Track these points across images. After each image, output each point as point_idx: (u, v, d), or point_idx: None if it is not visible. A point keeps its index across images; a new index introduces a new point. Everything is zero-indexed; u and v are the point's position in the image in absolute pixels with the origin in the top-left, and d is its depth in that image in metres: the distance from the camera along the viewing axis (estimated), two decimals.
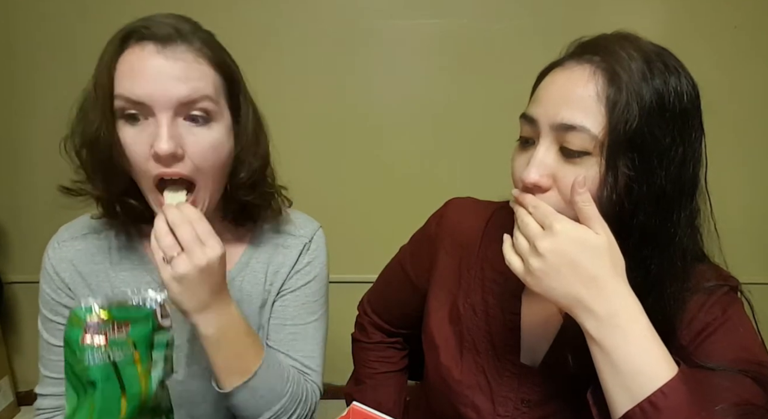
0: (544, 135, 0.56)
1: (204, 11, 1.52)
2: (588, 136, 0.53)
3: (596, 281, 0.51)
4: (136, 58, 0.60)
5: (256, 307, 0.78)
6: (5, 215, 1.74)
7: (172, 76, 0.60)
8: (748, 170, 1.67)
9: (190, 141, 0.62)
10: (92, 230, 0.72)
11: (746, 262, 0.90)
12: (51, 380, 0.73)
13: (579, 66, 0.56)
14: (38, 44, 1.57)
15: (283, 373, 0.72)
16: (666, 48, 0.58)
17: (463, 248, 0.75)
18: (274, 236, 0.80)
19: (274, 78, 1.58)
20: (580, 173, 0.54)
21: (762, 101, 1.62)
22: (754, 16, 1.55)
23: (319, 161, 1.69)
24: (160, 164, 0.61)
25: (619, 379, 0.50)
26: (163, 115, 0.60)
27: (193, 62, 0.62)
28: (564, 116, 0.54)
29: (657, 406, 0.48)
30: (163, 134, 0.59)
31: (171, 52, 0.60)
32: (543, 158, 0.56)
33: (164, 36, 0.60)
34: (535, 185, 0.56)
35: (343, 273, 1.43)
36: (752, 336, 0.59)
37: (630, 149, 0.53)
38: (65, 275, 0.71)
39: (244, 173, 0.69)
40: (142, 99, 0.59)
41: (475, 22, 1.57)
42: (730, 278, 0.63)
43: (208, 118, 0.63)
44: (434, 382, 0.74)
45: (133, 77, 0.60)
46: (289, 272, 0.80)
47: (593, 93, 0.54)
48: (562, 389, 0.65)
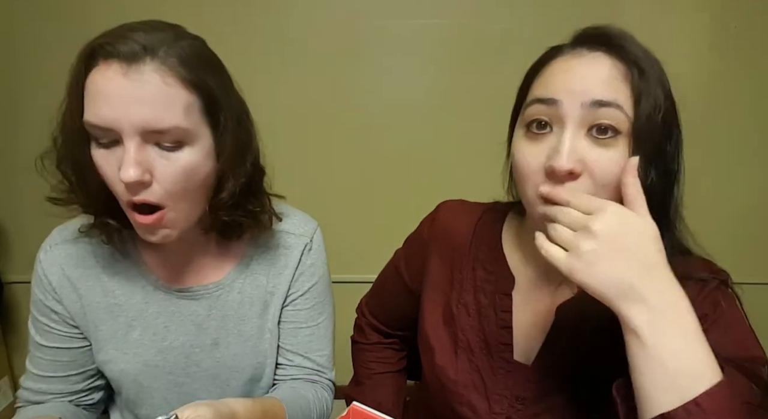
0: (571, 118, 0.54)
1: (204, 11, 1.53)
2: (622, 113, 0.53)
3: (652, 269, 0.48)
4: (101, 78, 0.56)
5: (257, 309, 0.78)
6: (5, 215, 1.74)
7: (136, 100, 0.55)
8: (746, 171, 1.67)
9: (160, 165, 0.59)
10: (84, 234, 0.70)
11: (744, 261, 0.90)
12: (33, 375, 0.74)
13: (591, 53, 0.57)
14: (38, 44, 1.57)
15: (307, 415, 0.76)
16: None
17: (455, 250, 0.75)
18: (274, 237, 0.79)
19: (274, 77, 1.58)
20: (612, 156, 0.54)
21: (762, 101, 1.62)
22: (755, 16, 1.55)
23: (319, 161, 1.69)
24: (128, 192, 0.59)
25: (663, 377, 0.47)
26: (130, 141, 0.56)
27: (161, 84, 0.56)
28: (596, 92, 0.53)
29: (703, 408, 0.46)
30: (128, 161, 0.56)
31: (136, 74, 0.55)
32: (573, 143, 0.54)
33: (129, 54, 0.55)
34: (570, 172, 0.54)
35: (342, 273, 1.42)
36: (744, 330, 0.58)
37: (654, 134, 0.54)
38: (53, 279, 0.71)
39: (225, 193, 0.66)
40: (108, 124, 0.56)
41: (475, 22, 1.57)
42: (721, 271, 0.62)
43: (180, 143, 0.59)
44: (431, 383, 0.74)
45: (98, 101, 0.56)
46: (293, 273, 0.79)
47: (620, 76, 0.54)
48: (555, 385, 0.65)
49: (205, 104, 0.61)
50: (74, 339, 0.74)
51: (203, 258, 0.75)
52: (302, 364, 0.81)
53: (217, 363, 0.76)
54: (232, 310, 0.76)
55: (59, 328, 0.73)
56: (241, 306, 0.77)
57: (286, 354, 0.81)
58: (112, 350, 0.73)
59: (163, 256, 0.74)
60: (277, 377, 0.82)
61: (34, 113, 1.61)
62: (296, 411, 0.74)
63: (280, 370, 0.81)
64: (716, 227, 0.62)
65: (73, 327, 0.73)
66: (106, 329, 0.73)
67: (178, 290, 0.74)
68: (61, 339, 0.73)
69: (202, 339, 0.75)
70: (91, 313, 0.72)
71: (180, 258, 0.74)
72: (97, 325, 0.73)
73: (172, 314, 0.74)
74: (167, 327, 0.74)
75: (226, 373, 0.76)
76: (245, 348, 0.77)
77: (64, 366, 0.74)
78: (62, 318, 0.73)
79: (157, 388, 0.75)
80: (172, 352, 0.74)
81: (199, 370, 0.76)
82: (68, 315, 0.72)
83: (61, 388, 0.74)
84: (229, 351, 0.76)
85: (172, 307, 0.74)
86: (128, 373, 0.73)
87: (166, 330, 0.74)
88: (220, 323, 0.76)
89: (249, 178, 0.68)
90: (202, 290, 0.75)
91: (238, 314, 0.77)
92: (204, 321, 0.75)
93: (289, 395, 0.76)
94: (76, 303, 0.72)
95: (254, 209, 0.71)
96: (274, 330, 0.79)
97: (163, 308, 0.74)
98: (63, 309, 0.72)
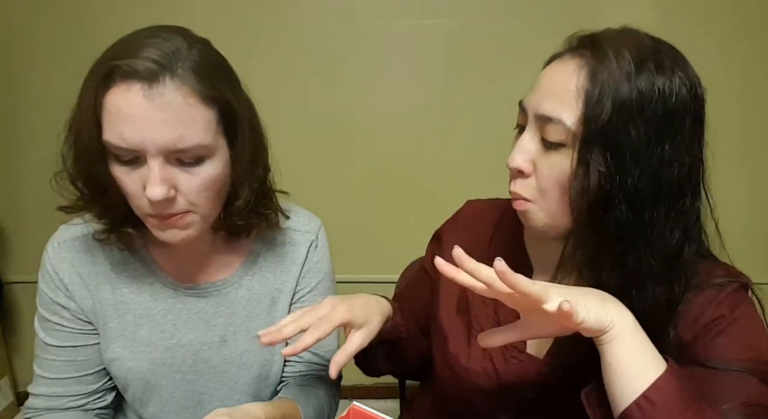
0: (530, 123, 0.59)
1: (204, 11, 1.53)
2: (563, 128, 0.56)
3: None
4: (123, 100, 0.56)
5: (265, 306, 0.78)
6: (5, 215, 1.73)
7: (159, 122, 0.56)
8: (750, 170, 1.67)
9: (183, 179, 0.60)
10: (93, 231, 0.70)
11: (753, 262, 0.90)
12: (45, 380, 0.73)
13: (571, 59, 0.57)
14: (39, 44, 1.57)
15: (322, 414, 0.77)
16: (671, 46, 0.58)
17: (476, 238, 0.77)
18: (280, 234, 0.80)
19: (273, 77, 1.57)
20: (557, 163, 0.57)
21: (763, 101, 1.62)
22: (754, 16, 1.55)
23: (319, 161, 1.68)
24: (153, 209, 0.60)
25: (618, 379, 0.52)
26: (154, 160, 0.58)
27: (183, 104, 0.57)
28: (545, 107, 0.57)
29: (652, 401, 0.49)
30: (155, 180, 0.57)
31: (158, 96, 0.56)
32: (527, 145, 0.59)
33: (148, 74, 0.55)
34: (517, 169, 0.60)
35: (344, 274, 1.42)
36: (761, 335, 0.59)
37: (602, 144, 0.54)
38: (64, 276, 0.71)
39: (241, 200, 0.67)
40: (132, 146, 0.57)
41: (475, 22, 1.56)
42: (741, 275, 0.63)
43: (201, 158, 0.61)
44: (442, 371, 0.75)
45: (119, 123, 0.56)
46: (300, 270, 0.80)
47: (573, 87, 0.55)
48: (566, 380, 0.65)
49: (222, 117, 0.62)
50: (89, 335, 0.73)
51: (211, 256, 0.75)
52: (311, 360, 0.81)
53: (224, 361, 0.76)
54: (240, 307, 0.77)
55: (72, 326, 0.72)
56: (249, 303, 0.77)
57: None
58: (119, 348, 0.72)
59: (170, 253, 0.73)
60: (285, 374, 0.82)
61: (34, 112, 1.62)
62: (310, 412, 0.74)
63: (288, 367, 0.81)
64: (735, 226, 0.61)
65: (86, 322, 0.73)
66: (114, 327, 0.72)
67: (186, 288, 0.74)
68: (74, 337, 0.72)
69: (210, 336, 0.75)
70: (100, 310, 0.72)
71: (188, 256, 0.74)
72: (106, 322, 0.72)
73: (179, 311, 0.74)
74: (175, 324, 0.74)
75: (234, 370, 0.76)
76: (253, 345, 0.77)
77: (79, 366, 0.73)
78: (74, 314, 0.72)
79: (165, 386, 0.74)
80: (180, 350, 0.74)
81: (207, 368, 0.75)
82: (81, 312, 0.72)
83: (76, 389, 0.73)
84: (237, 348, 0.76)
85: (179, 304, 0.74)
86: (135, 371, 0.73)
87: (174, 327, 0.74)
88: (228, 320, 0.76)
89: (261, 182, 0.70)
90: (210, 288, 0.75)
91: (246, 311, 0.77)
92: (212, 318, 0.75)
93: (302, 396, 0.76)
94: (87, 300, 0.72)
95: (265, 211, 0.72)
96: None
97: (171, 305, 0.74)
98: (75, 306, 0.71)
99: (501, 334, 0.59)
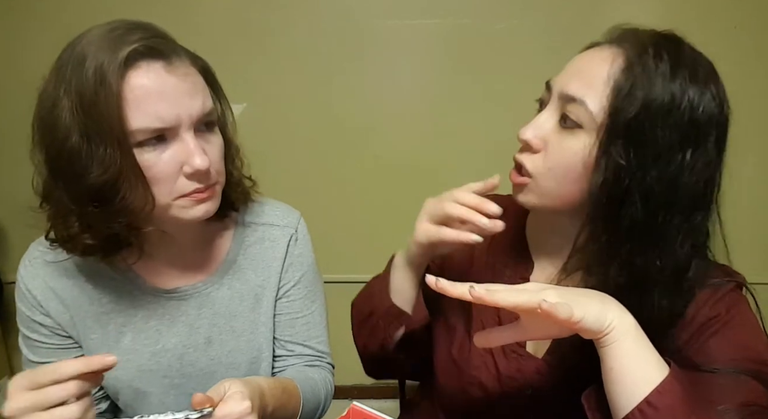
0: (552, 101, 0.60)
1: (205, 11, 1.53)
2: (584, 110, 0.56)
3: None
4: (149, 81, 0.56)
5: (249, 304, 0.77)
6: (5, 215, 1.74)
7: (186, 93, 0.58)
8: (751, 170, 1.67)
9: (207, 149, 0.62)
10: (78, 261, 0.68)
11: (753, 261, 0.90)
12: None
13: (609, 48, 0.58)
14: (39, 44, 1.57)
15: (317, 395, 0.78)
16: (709, 61, 0.58)
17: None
18: (258, 230, 0.79)
19: (273, 77, 1.57)
20: (569, 144, 0.58)
21: (763, 101, 1.62)
22: (754, 15, 1.55)
23: (317, 161, 1.68)
24: (195, 181, 0.61)
25: (620, 383, 0.51)
26: (187, 132, 0.59)
27: (193, 74, 0.61)
28: (572, 87, 0.58)
29: (654, 406, 0.49)
30: (197, 150, 0.59)
31: (177, 69, 0.58)
32: (543, 123, 0.60)
33: (166, 49, 0.58)
34: (527, 142, 0.61)
35: (334, 273, 1.42)
36: (757, 334, 0.59)
37: (626, 138, 0.54)
38: (37, 293, 0.70)
39: (237, 160, 0.71)
40: (168, 123, 0.57)
41: (475, 22, 1.56)
42: (736, 274, 0.63)
43: (212, 124, 0.64)
44: (442, 365, 0.75)
45: (152, 103, 0.56)
46: (282, 265, 0.79)
47: (605, 74, 0.56)
48: (564, 380, 0.66)
49: (210, 83, 0.65)
50: (69, 349, 0.73)
51: (189, 258, 0.74)
52: (302, 353, 0.82)
53: (212, 361, 0.76)
54: (223, 307, 0.76)
55: (51, 342, 0.72)
56: (232, 302, 0.76)
57: (286, 345, 0.81)
58: None
59: (147, 259, 0.71)
60: (277, 368, 0.82)
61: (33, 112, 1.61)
62: (307, 390, 0.75)
63: (280, 362, 0.82)
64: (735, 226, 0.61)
65: (66, 337, 0.72)
66: (96, 338, 0.72)
67: (166, 292, 0.73)
68: (55, 352, 0.72)
69: (195, 338, 0.75)
70: (80, 323, 0.71)
71: (165, 260, 0.73)
72: (87, 334, 0.72)
73: (162, 316, 0.74)
74: (158, 330, 0.74)
75: (222, 370, 0.76)
76: (239, 344, 0.76)
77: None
78: (52, 330, 0.72)
79: (153, 392, 0.74)
80: (165, 355, 0.74)
81: (194, 370, 0.75)
82: (59, 327, 0.71)
83: None
84: (223, 348, 0.76)
85: (161, 309, 0.73)
86: (123, 380, 0.73)
87: (158, 333, 0.73)
88: (211, 321, 0.75)
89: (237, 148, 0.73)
90: (190, 290, 0.74)
91: (229, 310, 0.76)
92: (195, 320, 0.75)
93: (298, 376, 0.77)
94: (64, 314, 0.71)
95: (238, 175, 0.74)
96: (269, 323, 0.79)
97: (153, 311, 0.73)
98: (52, 322, 0.71)
99: (498, 334, 0.59)
